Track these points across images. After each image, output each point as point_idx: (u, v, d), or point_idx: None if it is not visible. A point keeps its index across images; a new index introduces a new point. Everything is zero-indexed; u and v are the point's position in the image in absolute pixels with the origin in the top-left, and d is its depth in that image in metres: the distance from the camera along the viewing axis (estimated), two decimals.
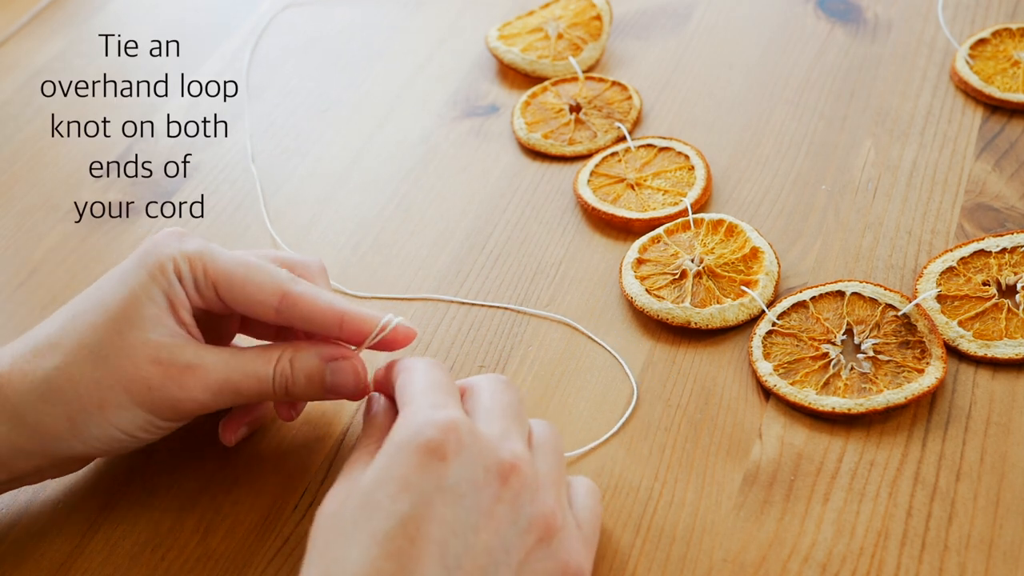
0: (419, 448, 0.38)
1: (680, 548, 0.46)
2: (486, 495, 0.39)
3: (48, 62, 0.77)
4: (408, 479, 0.38)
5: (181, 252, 0.45)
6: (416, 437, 0.39)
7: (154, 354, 0.43)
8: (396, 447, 0.39)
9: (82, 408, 0.43)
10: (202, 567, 0.46)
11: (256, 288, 0.45)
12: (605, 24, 0.71)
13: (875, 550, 0.45)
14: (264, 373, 0.45)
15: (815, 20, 0.72)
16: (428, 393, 0.41)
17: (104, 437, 0.44)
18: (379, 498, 0.38)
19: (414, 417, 0.40)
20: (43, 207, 0.66)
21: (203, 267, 0.45)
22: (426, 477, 0.38)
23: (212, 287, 0.45)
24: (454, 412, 0.40)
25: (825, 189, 0.61)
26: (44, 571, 0.47)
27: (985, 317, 0.53)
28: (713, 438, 0.50)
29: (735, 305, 0.54)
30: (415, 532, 0.37)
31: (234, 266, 0.45)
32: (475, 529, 0.38)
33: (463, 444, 0.39)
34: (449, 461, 0.38)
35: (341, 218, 0.63)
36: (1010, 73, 0.65)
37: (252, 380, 0.45)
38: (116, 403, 0.43)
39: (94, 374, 0.43)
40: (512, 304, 0.57)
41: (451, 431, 0.39)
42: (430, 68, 0.73)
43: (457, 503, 0.38)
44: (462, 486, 0.38)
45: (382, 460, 0.39)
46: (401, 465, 0.38)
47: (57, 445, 0.44)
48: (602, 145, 0.65)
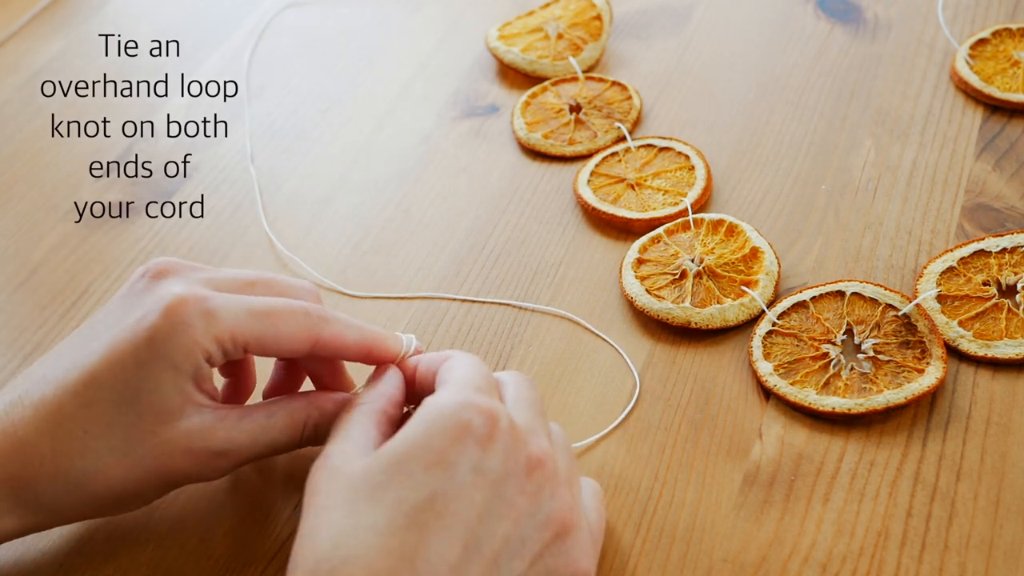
0: (459, 427, 0.38)
1: (680, 548, 0.46)
2: (512, 485, 0.39)
3: (48, 62, 0.77)
4: (444, 454, 0.38)
5: (208, 335, 0.42)
6: (458, 416, 0.39)
7: (187, 444, 0.42)
8: (435, 421, 0.39)
9: (116, 500, 0.43)
10: (202, 567, 0.46)
11: (288, 339, 0.43)
12: (605, 24, 0.71)
13: (875, 550, 0.45)
14: (292, 442, 0.45)
15: (815, 20, 0.72)
16: (471, 378, 0.41)
17: (127, 509, 0.45)
18: (412, 467, 0.38)
19: (457, 396, 0.40)
20: (43, 207, 0.66)
21: (231, 338, 0.42)
22: (463, 457, 0.38)
23: (242, 350, 0.43)
24: (496, 402, 0.40)
25: (825, 189, 0.61)
26: (44, 571, 0.47)
27: (985, 317, 0.53)
28: (713, 438, 0.50)
29: (735, 305, 0.54)
30: (443, 509, 0.37)
31: (262, 326, 0.43)
32: (498, 517, 0.38)
33: (501, 432, 0.39)
34: (486, 447, 0.39)
35: (341, 218, 0.63)
36: (1010, 73, 0.65)
37: (278, 449, 0.45)
38: (149, 491, 0.43)
39: (131, 473, 0.42)
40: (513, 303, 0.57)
41: (492, 418, 0.39)
42: (430, 68, 0.73)
43: (487, 488, 0.38)
44: (494, 473, 0.38)
45: (418, 429, 0.39)
46: (438, 439, 0.38)
47: (76, 520, 0.44)
48: (602, 145, 0.65)
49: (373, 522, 0.37)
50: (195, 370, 0.42)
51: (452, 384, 0.41)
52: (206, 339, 0.41)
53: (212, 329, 0.42)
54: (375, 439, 0.41)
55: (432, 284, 0.58)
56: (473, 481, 0.38)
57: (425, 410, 0.39)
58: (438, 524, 0.37)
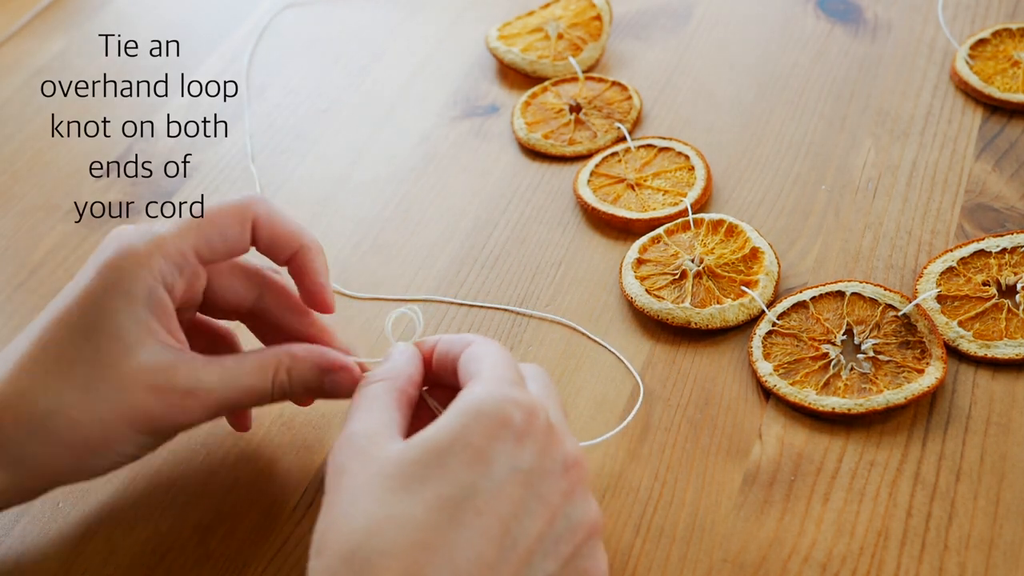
0: (500, 422, 0.38)
1: (680, 548, 0.46)
2: (548, 483, 0.39)
3: (48, 62, 0.77)
4: (484, 451, 0.38)
5: (155, 255, 0.42)
6: (498, 411, 0.38)
7: (151, 381, 0.42)
8: (475, 415, 0.38)
9: (87, 447, 0.42)
10: (202, 567, 0.46)
11: (231, 229, 0.44)
12: (605, 24, 0.71)
13: (875, 550, 0.45)
14: (263, 388, 0.45)
15: (815, 20, 0.72)
16: (505, 371, 0.41)
17: (107, 465, 0.44)
18: (451, 462, 0.37)
19: (496, 389, 0.39)
20: (43, 207, 0.66)
21: (177, 250, 0.43)
22: (502, 454, 0.38)
23: (194, 260, 0.43)
24: (534, 397, 0.40)
25: (825, 189, 0.61)
26: (44, 571, 0.47)
27: (985, 317, 0.53)
28: (713, 438, 0.50)
29: (735, 305, 0.54)
30: (483, 506, 0.37)
31: (201, 227, 0.43)
32: (534, 515, 0.38)
33: (540, 430, 0.39)
34: (523, 442, 0.38)
35: (341, 218, 0.63)
36: (1010, 73, 0.65)
37: (251, 395, 0.44)
38: (120, 437, 0.42)
39: (95, 414, 0.42)
40: (512, 305, 0.57)
41: (532, 415, 0.39)
42: (430, 68, 0.73)
43: (524, 486, 0.38)
44: (533, 471, 0.38)
45: (456, 422, 0.38)
46: (477, 434, 0.38)
47: (56, 479, 0.44)
48: (602, 145, 0.65)
49: (411, 515, 0.36)
50: (148, 294, 0.42)
51: (487, 377, 0.40)
52: (153, 260, 0.42)
53: (158, 249, 0.42)
54: (397, 420, 0.41)
55: (432, 284, 0.58)
56: (511, 478, 0.38)
57: (463, 403, 0.39)
58: (477, 522, 0.37)
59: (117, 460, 0.44)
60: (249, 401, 0.45)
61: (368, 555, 0.35)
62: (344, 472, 0.38)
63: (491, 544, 0.37)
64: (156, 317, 0.42)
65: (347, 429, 0.40)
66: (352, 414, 0.41)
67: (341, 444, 0.40)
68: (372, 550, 0.36)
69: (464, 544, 0.36)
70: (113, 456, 0.43)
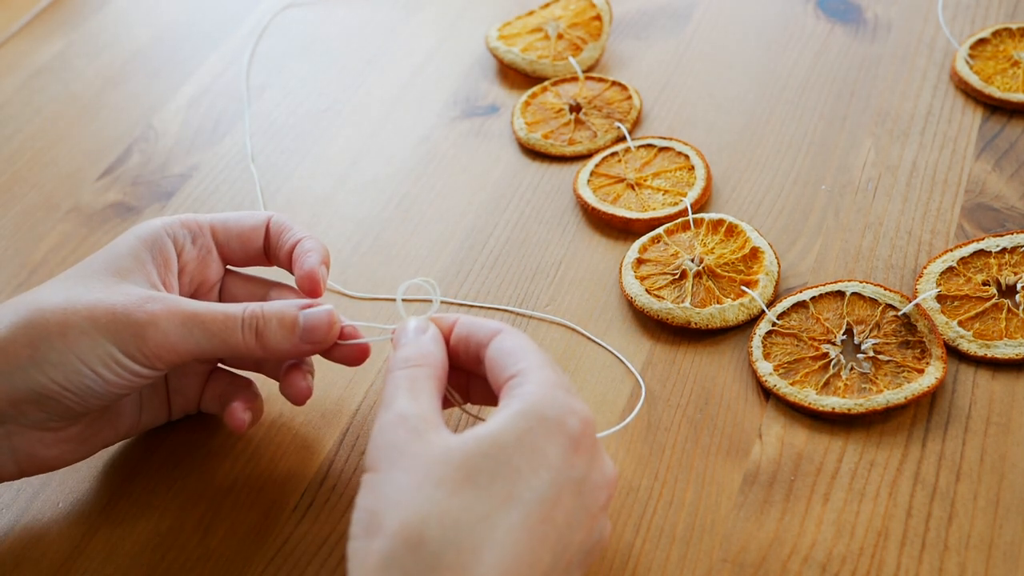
0: (559, 428, 0.38)
1: (680, 548, 0.46)
2: (594, 497, 0.39)
3: (48, 62, 0.77)
4: (548, 456, 0.37)
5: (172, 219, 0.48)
6: (559, 417, 0.38)
7: (124, 289, 0.44)
8: (538, 417, 0.38)
9: (45, 332, 0.42)
10: (202, 567, 0.46)
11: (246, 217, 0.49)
12: (605, 24, 0.71)
13: (875, 550, 0.45)
14: (233, 311, 0.44)
15: (815, 20, 0.72)
16: (553, 369, 0.41)
17: (65, 369, 0.42)
18: (517, 462, 0.37)
19: (554, 394, 0.39)
20: (43, 207, 0.66)
21: (195, 220, 0.48)
22: (563, 462, 0.38)
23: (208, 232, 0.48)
24: (587, 407, 0.40)
25: (825, 189, 0.61)
26: (44, 571, 0.47)
27: (985, 317, 0.53)
28: (713, 438, 0.50)
29: (735, 305, 0.54)
30: (546, 512, 0.37)
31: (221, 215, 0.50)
32: (581, 526, 0.38)
33: (591, 444, 0.39)
34: (580, 453, 0.38)
35: (341, 218, 0.63)
36: (1010, 73, 0.65)
37: (220, 317, 0.44)
38: (79, 328, 0.42)
39: (58, 298, 0.43)
40: (512, 305, 0.57)
41: (587, 425, 0.39)
42: (430, 68, 0.73)
43: (577, 497, 0.38)
44: (585, 482, 0.38)
45: (521, 421, 0.38)
46: (540, 437, 0.38)
47: (16, 377, 0.42)
48: (602, 145, 0.65)
49: (482, 511, 0.36)
50: (154, 240, 0.46)
51: (540, 379, 0.40)
52: (169, 222, 0.48)
53: (176, 218, 0.48)
54: (439, 407, 0.40)
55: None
56: (568, 487, 0.38)
57: (525, 404, 0.39)
58: (539, 527, 0.37)
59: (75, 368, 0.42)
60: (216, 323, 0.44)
61: (441, 547, 0.35)
62: (402, 453, 0.38)
63: (547, 550, 0.37)
64: (153, 259, 0.46)
65: (395, 408, 0.39)
66: (395, 393, 0.40)
67: (393, 423, 0.39)
68: (445, 542, 0.35)
69: (525, 547, 0.36)
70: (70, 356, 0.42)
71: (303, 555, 0.46)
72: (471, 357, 0.43)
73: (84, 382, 0.43)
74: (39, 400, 0.43)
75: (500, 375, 0.41)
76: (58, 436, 0.45)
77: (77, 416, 0.45)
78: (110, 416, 0.48)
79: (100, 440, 0.48)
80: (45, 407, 0.43)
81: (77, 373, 0.43)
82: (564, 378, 0.41)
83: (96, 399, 0.44)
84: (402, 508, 0.36)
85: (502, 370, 0.41)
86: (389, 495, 0.37)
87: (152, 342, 0.43)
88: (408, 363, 0.42)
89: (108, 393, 0.44)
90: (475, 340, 0.43)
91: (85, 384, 0.43)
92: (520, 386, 0.40)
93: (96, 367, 0.43)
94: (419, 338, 0.43)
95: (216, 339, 0.44)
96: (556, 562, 0.37)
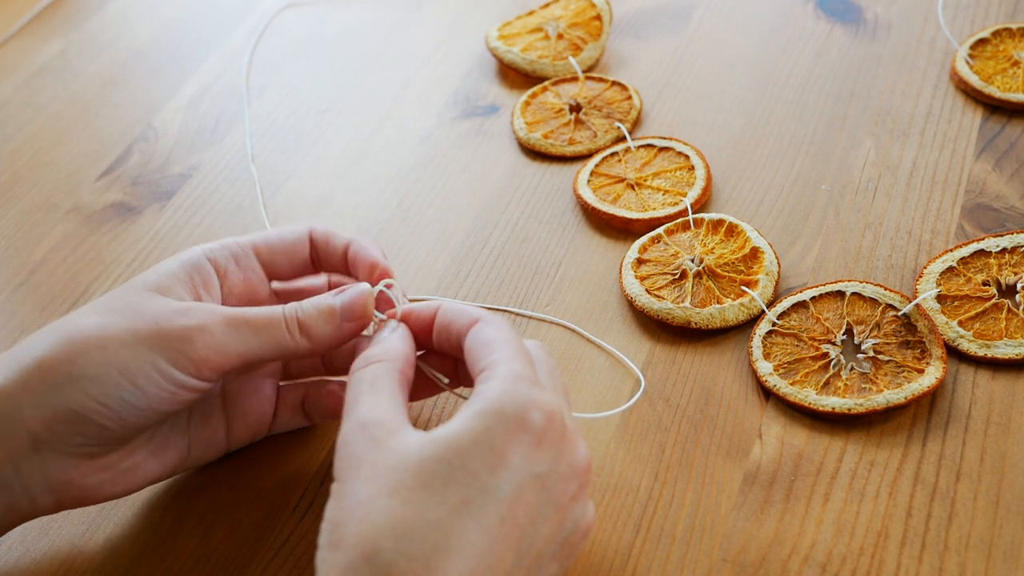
0: (520, 425, 0.38)
1: (680, 548, 0.46)
2: (562, 488, 0.39)
3: (48, 62, 0.77)
4: (505, 454, 0.37)
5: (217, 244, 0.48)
6: (519, 414, 0.38)
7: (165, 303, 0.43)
8: (496, 415, 0.38)
9: (84, 347, 0.41)
10: (202, 567, 0.46)
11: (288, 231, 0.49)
12: (605, 24, 0.71)
13: (875, 550, 0.45)
14: (274, 311, 0.44)
15: (815, 20, 0.72)
16: (522, 362, 0.40)
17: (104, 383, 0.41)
18: (473, 464, 0.37)
19: (516, 389, 0.39)
20: (43, 207, 0.66)
21: (237, 243, 0.48)
22: (522, 457, 0.38)
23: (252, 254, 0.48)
24: (553, 397, 0.39)
25: (825, 189, 0.61)
26: (44, 571, 0.47)
27: (985, 317, 0.53)
28: (713, 438, 0.50)
29: (735, 305, 0.54)
30: (504, 512, 0.37)
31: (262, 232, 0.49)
32: (547, 519, 0.38)
33: (556, 433, 0.39)
34: (543, 448, 0.38)
35: (341, 218, 0.63)
36: (1010, 73, 0.65)
37: (263, 316, 0.44)
38: (120, 340, 0.41)
39: (97, 316, 0.42)
40: (512, 305, 0.57)
41: (551, 418, 0.39)
42: (430, 68, 0.73)
43: (541, 492, 0.38)
44: (549, 475, 0.38)
45: (479, 422, 0.38)
46: (498, 436, 0.37)
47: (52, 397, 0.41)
48: (602, 145, 0.65)
49: (435, 518, 0.36)
50: (194, 262, 0.46)
51: (505, 373, 0.39)
52: (211, 246, 0.48)
53: (218, 243, 0.48)
54: (403, 405, 0.40)
55: (432, 284, 0.58)
56: (530, 483, 0.38)
57: (484, 403, 0.38)
58: (498, 528, 0.36)
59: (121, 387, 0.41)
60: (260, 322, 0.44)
61: (393, 558, 0.35)
62: (360, 463, 0.38)
63: (510, 549, 0.37)
64: (192, 278, 0.46)
65: (355, 415, 0.39)
66: (356, 398, 0.40)
67: (352, 431, 0.39)
68: (397, 552, 0.35)
69: (485, 549, 0.36)
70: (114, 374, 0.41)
71: (303, 555, 0.46)
72: (452, 345, 0.44)
73: (122, 396, 0.41)
74: (76, 420, 0.41)
75: (473, 367, 0.41)
76: (96, 464, 0.43)
77: (116, 441, 0.43)
78: (154, 446, 0.46)
79: (143, 472, 0.45)
80: (82, 429, 0.42)
81: (116, 387, 0.41)
82: (535, 369, 0.41)
83: (135, 417, 0.42)
84: (358, 520, 0.36)
85: (475, 362, 0.41)
86: (349, 506, 0.37)
87: (200, 345, 0.42)
88: (368, 360, 0.42)
89: (148, 409, 0.42)
90: (455, 328, 0.43)
91: (123, 399, 0.42)
92: (485, 381, 0.39)
93: (137, 379, 0.42)
94: (380, 336, 0.44)
95: (262, 336, 0.44)
96: (521, 559, 0.37)
